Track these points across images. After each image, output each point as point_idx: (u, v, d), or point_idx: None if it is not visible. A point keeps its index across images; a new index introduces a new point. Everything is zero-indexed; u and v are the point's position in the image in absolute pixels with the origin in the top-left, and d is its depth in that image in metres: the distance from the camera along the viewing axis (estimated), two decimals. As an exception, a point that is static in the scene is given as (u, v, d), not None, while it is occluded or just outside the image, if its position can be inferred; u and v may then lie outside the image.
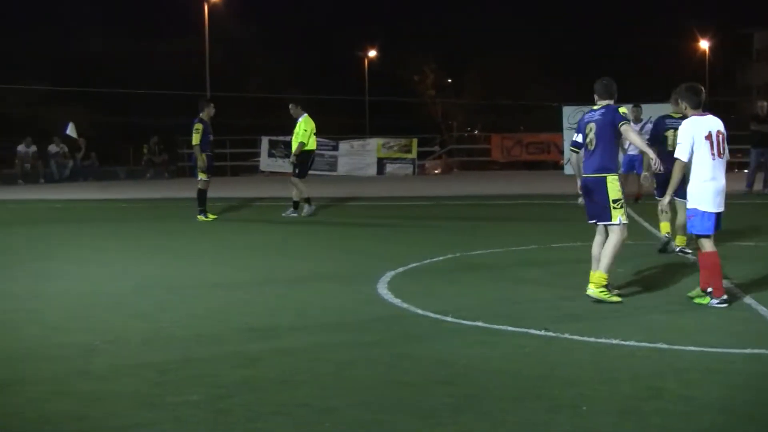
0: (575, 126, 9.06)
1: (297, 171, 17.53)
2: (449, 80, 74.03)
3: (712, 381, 5.77)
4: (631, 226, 14.76)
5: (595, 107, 8.63)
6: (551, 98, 53.37)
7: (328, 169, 34.42)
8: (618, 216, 8.30)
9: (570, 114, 30.23)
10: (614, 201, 8.28)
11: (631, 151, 19.42)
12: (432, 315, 7.83)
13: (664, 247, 11.79)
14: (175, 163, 38.75)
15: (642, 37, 69.48)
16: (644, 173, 11.51)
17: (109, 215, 19.61)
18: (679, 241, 11.73)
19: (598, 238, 8.58)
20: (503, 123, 57.71)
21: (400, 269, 10.45)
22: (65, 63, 54.05)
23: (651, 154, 8.42)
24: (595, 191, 8.38)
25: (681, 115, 12.10)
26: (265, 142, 35.77)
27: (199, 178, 16.92)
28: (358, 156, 35.40)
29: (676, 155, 8.16)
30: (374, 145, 35.87)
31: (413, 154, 36.07)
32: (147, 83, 51.99)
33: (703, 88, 8.58)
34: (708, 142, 8.05)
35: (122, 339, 7.18)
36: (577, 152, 8.79)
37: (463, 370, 6.10)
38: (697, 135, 8.06)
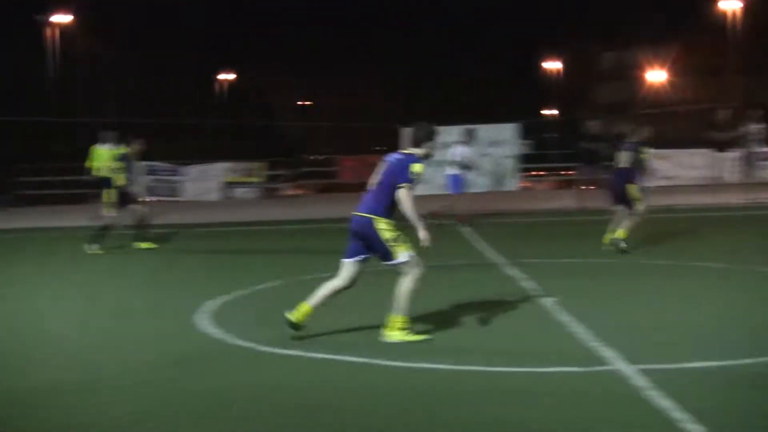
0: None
1: None
2: (299, 103, 74.45)
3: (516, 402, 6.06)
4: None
5: None
6: (405, 121, 53.96)
7: (171, 194, 33.65)
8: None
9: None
10: None
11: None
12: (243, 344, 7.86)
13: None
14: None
15: (492, 58, 71.25)
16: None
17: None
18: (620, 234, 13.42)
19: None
20: (357, 146, 57.78)
21: (227, 297, 10.45)
22: None
23: None
24: None
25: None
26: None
27: None
28: (204, 181, 34.79)
29: None
30: (220, 169, 35.34)
31: (262, 178, 35.78)
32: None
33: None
34: None
35: None
36: None
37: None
38: None
